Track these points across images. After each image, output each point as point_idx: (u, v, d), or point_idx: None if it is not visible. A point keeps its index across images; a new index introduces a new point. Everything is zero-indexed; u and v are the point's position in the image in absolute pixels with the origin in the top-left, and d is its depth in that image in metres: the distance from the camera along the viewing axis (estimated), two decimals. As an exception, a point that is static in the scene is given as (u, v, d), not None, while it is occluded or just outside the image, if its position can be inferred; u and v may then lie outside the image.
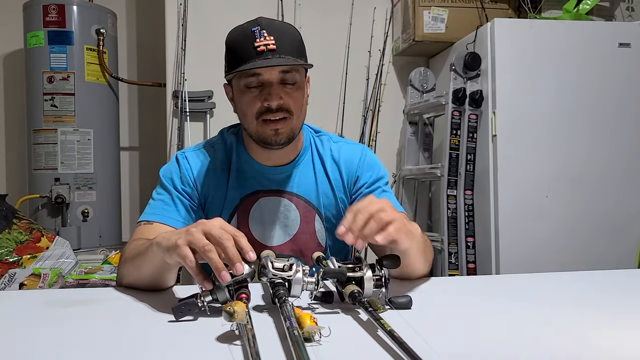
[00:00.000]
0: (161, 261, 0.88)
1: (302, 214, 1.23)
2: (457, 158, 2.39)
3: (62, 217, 2.73)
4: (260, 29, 1.10)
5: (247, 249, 0.81)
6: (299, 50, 1.14)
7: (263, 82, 1.11)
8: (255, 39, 1.09)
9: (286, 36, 1.12)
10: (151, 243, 0.91)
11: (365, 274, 0.86)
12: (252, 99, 1.12)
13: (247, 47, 1.09)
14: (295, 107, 1.14)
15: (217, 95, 2.76)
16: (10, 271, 2.15)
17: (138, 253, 0.99)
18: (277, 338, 0.71)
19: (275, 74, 1.10)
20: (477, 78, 2.37)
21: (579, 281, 1.19)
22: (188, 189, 1.19)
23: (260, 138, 1.15)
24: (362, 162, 1.26)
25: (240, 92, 1.14)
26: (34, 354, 0.69)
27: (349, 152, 1.27)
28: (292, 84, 1.13)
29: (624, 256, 2.32)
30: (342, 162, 1.26)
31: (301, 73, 1.16)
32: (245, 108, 1.14)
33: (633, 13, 2.79)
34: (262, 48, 1.08)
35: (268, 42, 1.08)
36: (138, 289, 1.01)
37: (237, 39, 1.13)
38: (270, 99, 1.10)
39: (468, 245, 2.36)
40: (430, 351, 0.66)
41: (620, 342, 0.74)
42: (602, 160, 2.33)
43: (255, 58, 1.08)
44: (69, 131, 2.73)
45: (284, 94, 1.12)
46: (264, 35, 1.09)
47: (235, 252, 0.79)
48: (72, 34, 2.73)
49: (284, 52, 1.09)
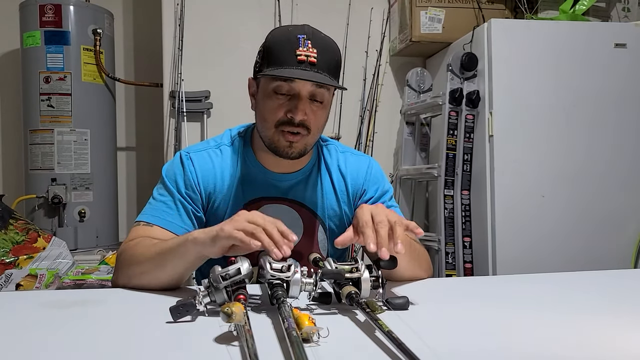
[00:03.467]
0: (195, 256, 0.95)
1: (306, 223, 1.21)
2: (454, 158, 2.39)
3: (58, 217, 2.73)
4: (306, 38, 1.07)
5: (287, 232, 0.90)
6: (336, 70, 1.12)
7: (293, 93, 1.09)
8: (298, 47, 1.06)
9: (328, 53, 1.10)
10: (185, 239, 0.96)
11: (362, 274, 0.87)
12: (277, 107, 1.10)
13: (288, 52, 1.06)
14: (315, 125, 1.12)
15: (214, 96, 2.76)
16: (6, 272, 2.14)
17: (160, 251, 0.99)
18: (276, 339, 0.71)
19: (308, 88, 1.08)
20: (474, 78, 2.37)
21: (576, 281, 1.20)
22: (192, 192, 1.16)
23: (274, 147, 1.13)
24: (369, 176, 1.25)
25: (266, 94, 1.12)
26: (30, 356, 0.68)
27: (356, 164, 1.26)
28: (320, 102, 1.11)
29: (620, 256, 2.33)
30: (348, 173, 1.25)
31: (330, 92, 1.14)
32: (267, 113, 1.12)
33: (629, 14, 2.80)
34: (303, 58, 1.06)
35: (310, 53, 1.06)
36: (149, 289, 1.01)
37: (279, 40, 1.10)
38: (296, 112, 1.08)
39: (465, 245, 2.37)
40: (429, 351, 0.66)
41: (619, 342, 0.74)
42: (599, 160, 2.33)
43: (293, 66, 1.06)
44: (65, 131, 2.72)
45: (309, 110, 1.10)
46: (307, 46, 1.07)
47: (279, 235, 0.88)
48: (69, 34, 2.72)
49: (322, 68, 1.07)
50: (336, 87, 1.12)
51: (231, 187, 1.19)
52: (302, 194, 1.22)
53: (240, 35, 2.77)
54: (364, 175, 1.25)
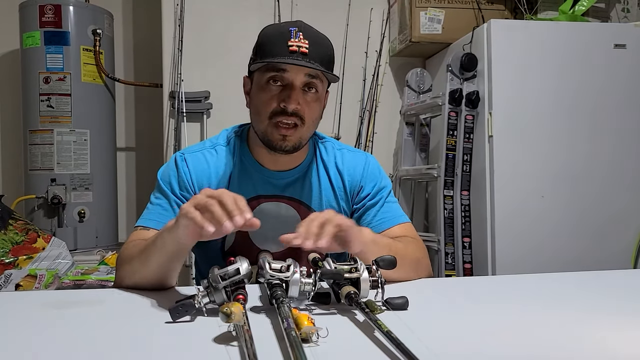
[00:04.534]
0: (172, 246, 0.93)
1: None
2: (453, 159, 2.39)
3: (58, 217, 2.72)
4: (298, 30, 1.09)
5: (245, 207, 0.85)
6: (328, 62, 1.13)
7: (286, 83, 1.10)
8: (289, 38, 1.08)
9: (320, 45, 1.11)
10: (159, 232, 0.96)
11: (361, 275, 0.87)
12: (270, 97, 1.11)
13: (280, 43, 1.08)
14: (309, 116, 1.13)
15: (214, 96, 2.76)
16: (6, 272, 2.14)
17: (144, 248, 0.99)
18: (275, 339, 0.71)
19: (301, 77, 1.09)
20: (474, 79, 2.37)
21: (575, 281, 1.20)
22: (186, 193, 1.16)
23: (267, 140, 1.14)
24: (366, 172, 1.25)
25: (260, 87, 1.13)
26: (30, 357, 0.68)
27: (353, 160, 1.26)
28: (313, 93, 1.12)
29: (620, 256, 2.33)
30: (345, 170, 1.25)
31: (324, 85, 1.15)
32: (260, 105, 1.13)
33: (628, 14, 2.80)
34: (295, 48, 1.07)
35: (302, 44, 1.08)
36: (141, 288, 1.01)
37: (271, 33, 1.12)
38: (289, 101, 1.09)
39: (465, 246, 2.37)
40: (427, 352, 0.66)
41: (619, 343, 0.74)
42: (599, 160, 2.34)
43: (286, 56, 1.07)
44: (65, 132, 2.72)
45: (303, 100, 1.11)
46: (299, 37, 1.08)
47: (233, 204, 0.84)
48: (69, 34, 2.72)
49: (314, 59, 1.08)
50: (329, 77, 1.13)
51: (228, 186, 1.19)
52: (299, 191, 1.22)
53: (240, 35, 2.76)
54: (361, 171, 1.25)
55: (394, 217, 1.23)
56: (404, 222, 1.23)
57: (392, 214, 1.23)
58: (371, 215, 1.22)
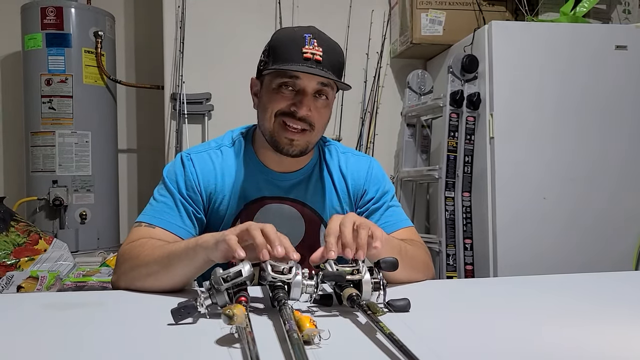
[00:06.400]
0: (203, 260, 0.95)
1: (308, 223, 1.22)
2: (454, 160, 2.39)
3: (60, 219, 2.73)
4: (312, 37, 1.09)
5: (290, 248, 0.87)
6: (339, 71, 1.14)
7: (298, 89, 1.10)
8: (304, 45, 1.08)
9: (333, 53, 1.12)
10: (195, 243, 0.96)
11: (363, 277, 0.87)
12: (280, 98, 1.11)
13: (294, 49, 1.08)
14: (319, 122, 1.13)
15: (215, 98, 2.76)
16: (7, 274, 2.15)
17: (167, 255, 0.99)
18: (277, 341, 0.72)
19: (313, 84, 1.10)
20: (475, 80, 2.38)
21: (576, 283, 1.19)
22: (192, 193, 1.16)
23: (274, 140, 1.14)
24: (370, 176, 1.26)
25: (271, 90, 1.12)
26: (31, 358, 0.68)
27: (356, 164, 1.27)
28: (324, 99, 1.13)
29: (621, 258, 2.32)
30: (349, 174, 1.25)
31: (334, 91, 1.15)
32: (269, 104, 1.13)
33: (629, 15, 2.80)
34: (309, 55, 1.07)
35: (316, 51, 1.08)
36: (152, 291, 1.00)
37: (285, 39, 1.12)
38: (300, 107, 1.10)
39: (466, 247, 2.37)
40: (430, 353, 0.66)
41: (620, 345, 0.74)
42: (600, 162, 2.33)
43: (300, 62, 1.07)
44: (66, 133, 2.73)
45: (313, 107, 1.11)
46: (313, 44, 1.08)
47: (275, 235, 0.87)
48: (70, 36, 2.73)
49: (327, 67, 1.09)
50: (341, 86, 1.13)
51: (232, 187, 1.19)
52: (303, 194, 1.22)
53: (241, 37, 2.77)
54: (365, 175, 1.25)
55: (397, 221, 1.23)
56: (407, 226, 1.24)
57: (395, 218, 1.23)
58: (375, 219, 1.22)
